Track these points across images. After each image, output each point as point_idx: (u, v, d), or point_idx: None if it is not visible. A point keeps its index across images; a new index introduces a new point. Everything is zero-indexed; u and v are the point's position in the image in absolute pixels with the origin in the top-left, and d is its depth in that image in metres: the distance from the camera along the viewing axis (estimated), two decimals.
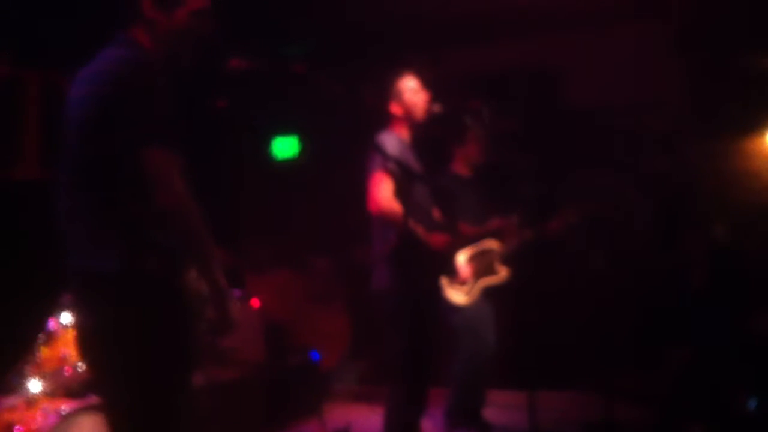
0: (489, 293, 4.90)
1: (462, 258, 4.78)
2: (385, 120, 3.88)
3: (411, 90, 3.82)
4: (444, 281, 4.69)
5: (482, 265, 4.85)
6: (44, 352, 3.42)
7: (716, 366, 4.40)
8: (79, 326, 2.40)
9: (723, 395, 4.31)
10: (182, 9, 2.42)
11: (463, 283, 4.75)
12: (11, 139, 4.83)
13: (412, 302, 3.58)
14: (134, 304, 2.19)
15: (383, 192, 3.57)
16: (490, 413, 5.07)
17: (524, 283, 4.94)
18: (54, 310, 3.54)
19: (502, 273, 4.93)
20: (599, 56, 6.20)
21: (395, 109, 3.82)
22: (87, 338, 2.36)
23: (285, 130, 6.73)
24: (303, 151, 6.73)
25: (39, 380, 3.39)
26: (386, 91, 3.84)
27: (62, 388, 3.45)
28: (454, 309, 4.74)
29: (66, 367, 3.47)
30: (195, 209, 2.20)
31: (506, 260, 4.95)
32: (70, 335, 3.46)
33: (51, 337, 3.46)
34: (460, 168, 5.08)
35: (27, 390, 3.36)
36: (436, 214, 3.99)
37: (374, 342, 3.80)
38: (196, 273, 2.32)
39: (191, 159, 2.32)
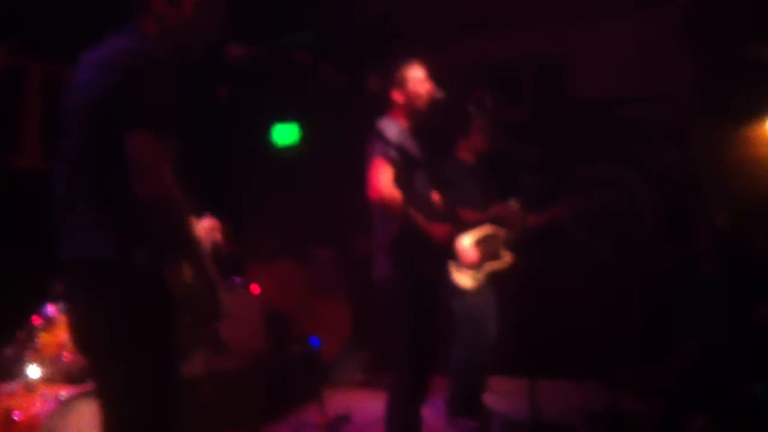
0: (494, 281, 4.89)
1: (468, 242, 4.76)
2: (385, 106, 3.84)
3: (416, 79, 3.76)
4: (452, 265, 4.68)
5: (488, 249, 4.84)
6: (43, 338, 3.45)
7: (722, 358, 4.37)
8: (70, 313, 2.42)
9: (728, 387, 4.29)
10: (189, 1, 2.43)
11: (470, 267, 4.74)
12: (12, 128, 4.84)
13: (413, 293, 3.53)
14: (121, 292, 2.20)
15: (384, 179, 3.50)
16: (491, 400, 5.08)
17: (531, 273, 4.93)
18: (48, 297, 3.56)
19: (507, 258, 4.91)
20: (606, 47, 6.18)
21: (397, 96, 3.75)
22: (75, 325, 2.39)
23: (285, 117, 6.72)
24: (304, 139, 6.73)
25: (38, 366, 3.42)
26: (390, 77, 3.79)
27: (61, 373, 3.49)
28: (455, 295, 4.73)
29: (65, 353, 3.50)
30: (180, 200, 2.19)
31: (511, 246, 4.94)
32: None
33: (50, 324, 3.49)
34: (465, 155, 5.06)
35: (26, 376, 3.39)
36: (437, 202, 3.96)
37: (375, 331, 3.78)
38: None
39: (193, 148, 2.31)
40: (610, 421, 4.63)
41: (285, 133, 6.67)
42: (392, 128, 3.68)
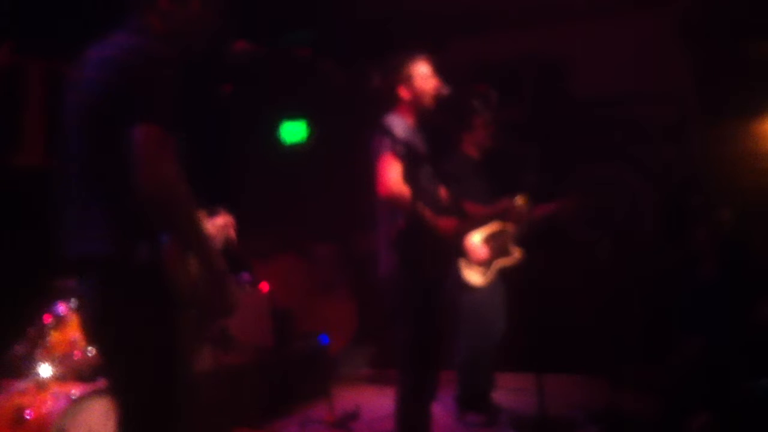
0: (502, 277, 4.90)
1: (478, 239, 4.77)
2: (387, 104, 3.83)
3: (422, 76, 3.73)
4: (462, 263, 4.69)
5: (497, 245, 4.84)
6: (54, 337, 3.44)
7: (722, 357, 4.39)
8: (80, 309, 2.41)
9: (728, 386, 4.31)
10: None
11: (480, 264, 4.75)
12: (14, 126, 4.83)
13: (416, 292, 3.50)
14: (122, 290, 2.19)
15: (393, 175, 3.46)
16: (499, 396, 5.09)
17: (532, 272, 4.94)
18: (49, 295, 3.55)
19: (516, 254, 4.92)
20: (605, 46, 6.20)
21: (404, 93, 3.72)
22: (85, 322, 2.40)
23: (293, 115, 6.71)
24: (310, 136, 6.72)
25: (49, 364, 3.41)
26: (393, 74, 3.78)
27: (72, 372, 3.48)
28: (463, 291, 4.73)
29: (76, 352, 3.49)
30: (184, 196, 2.16)
31: (519, 242, 4.94)
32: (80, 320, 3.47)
33: (61, 322, 3.48)
34: (470, 150, 5.06)
35: (37, 374, 3.38)
36: (444, 197, 3.95)
37: (381, 326, 3.77)
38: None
39: (195, 146, 2.31)
40: (611, 420, 4.64)
41: (293, 131, 6.66)
42: (399, 124, 3.64)
